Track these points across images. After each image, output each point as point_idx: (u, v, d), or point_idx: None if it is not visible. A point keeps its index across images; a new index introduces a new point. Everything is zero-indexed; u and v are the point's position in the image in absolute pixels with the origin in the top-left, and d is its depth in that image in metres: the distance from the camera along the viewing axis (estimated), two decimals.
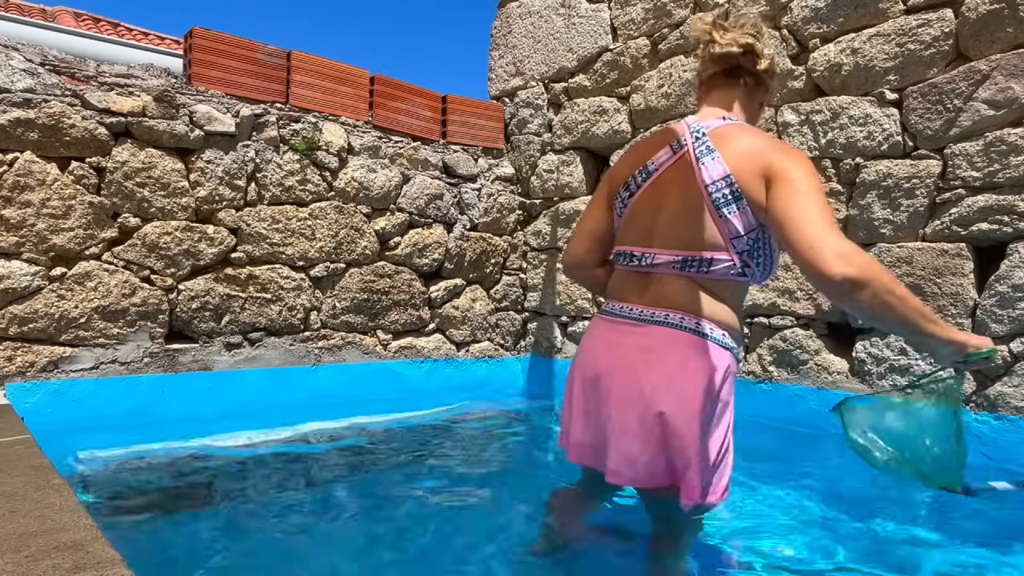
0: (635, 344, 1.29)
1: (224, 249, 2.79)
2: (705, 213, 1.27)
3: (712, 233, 1.26)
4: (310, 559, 1.41)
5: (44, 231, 2.39)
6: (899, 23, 2.43)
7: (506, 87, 4.04)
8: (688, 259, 1.28)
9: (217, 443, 2.26)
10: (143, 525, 1.50)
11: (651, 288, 1.32)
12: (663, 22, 3.21)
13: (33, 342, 2.39)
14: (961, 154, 2.28)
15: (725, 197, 1.24)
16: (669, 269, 1.29)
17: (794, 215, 1.15)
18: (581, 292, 3.57)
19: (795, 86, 2.73)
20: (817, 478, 2.04)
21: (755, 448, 2.44)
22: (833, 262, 1.08)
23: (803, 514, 1.70)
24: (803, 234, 1.13)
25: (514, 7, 3.99)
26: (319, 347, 3.07)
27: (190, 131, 2.67)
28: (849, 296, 1.10)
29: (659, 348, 1.27)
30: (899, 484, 1.99)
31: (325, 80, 3.15)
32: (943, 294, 2.31)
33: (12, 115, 2.31)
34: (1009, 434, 2.16)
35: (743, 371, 2.89)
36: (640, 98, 3.30)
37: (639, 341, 1.29)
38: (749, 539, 1.54)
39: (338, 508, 1.71)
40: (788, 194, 1.18)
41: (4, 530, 0.95)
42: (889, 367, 2.45)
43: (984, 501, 1.85)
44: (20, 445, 1.47)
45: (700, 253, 1.28)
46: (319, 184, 3.07)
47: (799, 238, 1.13)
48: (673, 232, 1.30)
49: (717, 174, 1.25)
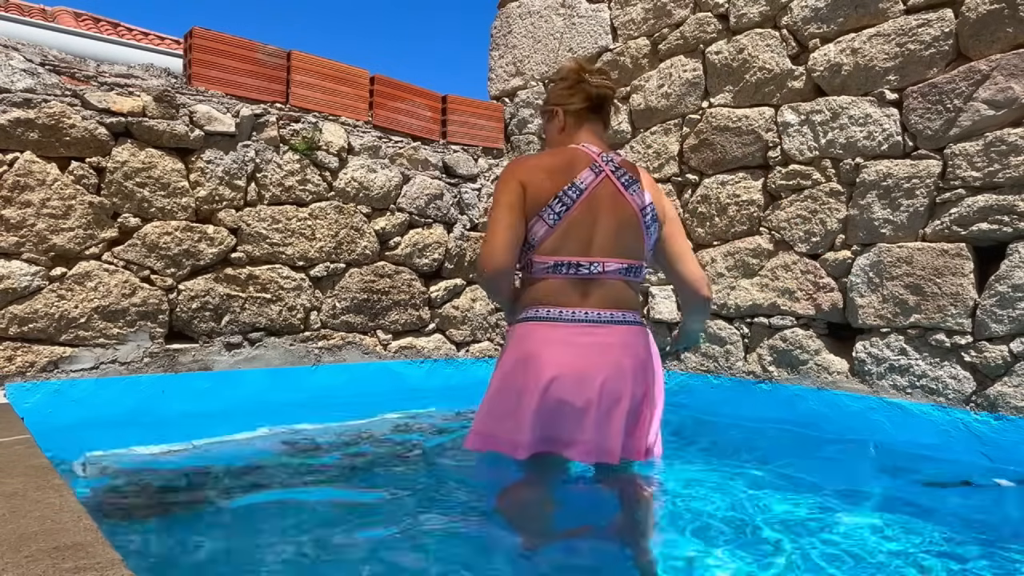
0: (604, 342, 1.56)
1: (224, 249, 2.79)
2: (640, 230, 1.63)
3: (642, 246, 1.64)
4: (311, 559, 1.41)
5: (44, 231, 2.39)
6: (899, 23, 2.43)
7: (506, 87, 4.04)
8: (631, 267, 1.62)
9: (217, 443, 2.26)
10: (143, 525, 1.50)
11: (596, 293, 1.58)
12: (663, 22, 3.21)
13: (33, 342, 2.39)
14: (961, 154, 2.28)
15: (649, 220, 1.64)
16: (617, 275, 1.59)
17: (684, 250, 1.73)
18: None
19: (795, 86, 2.73)
20: (813, 477, 2.04)
21: (755, 448, 2.44)
22: (709, 289, 1.76)
23: (801, 515, 1.70)
24: (693, 267, 1.73)
25: (514, 7, 3.99)
26: (319, 347, 3.07)
27: (190, 131, 2.67)
28: (708, 309, 1.83)
29: (628, 342, 1.59)
30: (911, 485, 1.99)
31: (325, 80, 3.15)
32: (943, 294, 2.31)
33: (12, 115, 2.31)
34: (1009, 434, 2.16)
35: (743, 371, 2.89)
36: (640, 98, 3.30)
37: (607, 339, 1.56)
38: (747, 538, 1.54)
39: (338, 508, 1.71)
40: (678, 231, 1.74)
41: (4, 530, 0.95)
42: (889, 367, 2.45)
43: (985, 500, 1.85)
44: (20, 445, 1.47)
45: (638, 262, 1.64)
46: (319, 184, 3.07)
47: (691, 269, 1.73)
48: (616, 244, 1.59)
49: (645, 201, 1.64)
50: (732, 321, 2.95)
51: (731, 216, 2.94)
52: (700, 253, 3.05)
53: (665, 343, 2.96)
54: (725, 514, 1.67)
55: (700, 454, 2.26)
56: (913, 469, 2.17)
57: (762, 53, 2.82)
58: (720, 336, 2.97)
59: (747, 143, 2.88)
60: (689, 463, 2.14)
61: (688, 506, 1.73)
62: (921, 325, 2.37)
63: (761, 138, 2.83)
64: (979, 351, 2.24)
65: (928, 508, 1.79)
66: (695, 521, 1.62)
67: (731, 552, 1.44)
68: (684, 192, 3.14)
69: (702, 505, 1.74)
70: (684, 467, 2.09)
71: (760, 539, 1.51)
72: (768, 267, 2.81)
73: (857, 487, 1.96)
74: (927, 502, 1.83)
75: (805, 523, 1.62)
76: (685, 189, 3.14)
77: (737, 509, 1.71)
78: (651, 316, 3.20)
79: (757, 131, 2.84)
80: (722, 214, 2.97)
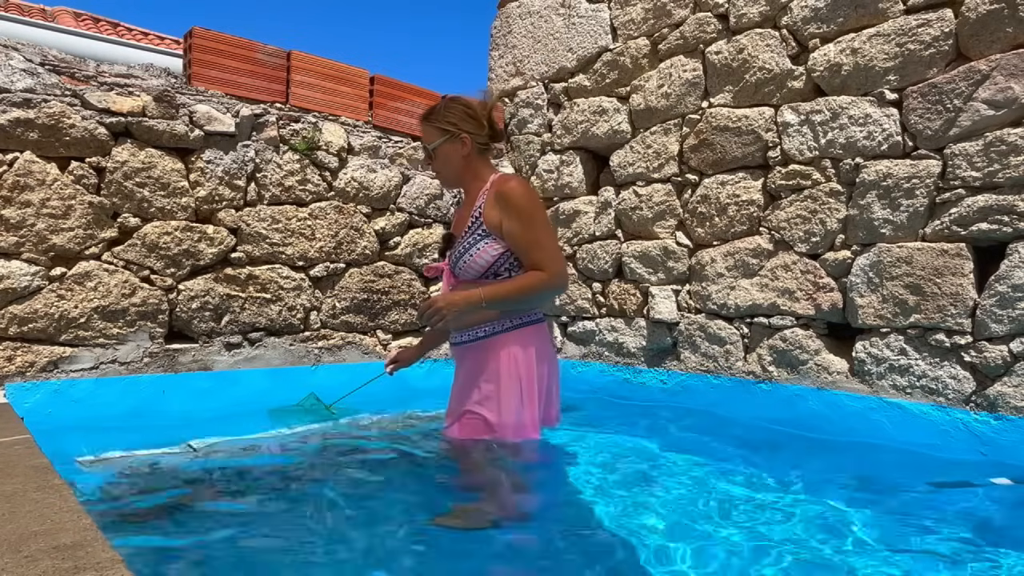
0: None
1: (224, 249, 2.79)
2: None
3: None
4: (311, 559, 1.41)
5: (44, 231, 2.39)
6: (899, 23, 2.43)
7: (506, 87, 4.04)
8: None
9: (217, 443, 2.26)
10: (143, 525, 1.50)
11: None
12: (663, 22, 3.21)
13: (33, 342, 2.39)
14: (961, 154, 2.28)
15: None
16: None
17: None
18: (581, 292, 3.57)
19: (795, 86, 2.73)
20: (813, 478, 2.04)
21: (755, 447, 2.44)
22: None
23: (801, 515, 1.70)
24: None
25: (514, 7, 3.99)
26: (319, 347, 3.07)
27: (190, 131, 2.67)
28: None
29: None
30: (911, 485, 1.99)
31: (325, 80, 3.16)
32: (943, 294, 2.31)
33: (12, 115, 2.31)
34: (1009, 434, 2.16)
35: (743, 371, 2.89)
36: (640, 98, 3.30)
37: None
38: (747, 539, 1.54)
39: (338, 508, 1.71)
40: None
41: (4, 530, 0.95)
42: (889, 367, 2.45)
43: (984, 500, 1.85)
44: (20, 445, 1.47)
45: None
46: (319, 184, 3.07)
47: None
48: None
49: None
50: (732, 321, 2.95)
51: (731, 216, 2.94)
52: (700, 253, 3.06)
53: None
54: (725, 514, 1.67)
55: (700, 454, 2.26)
56: (913, 469, 2.17)
57: (762, 53, 2.83)
58: (720, 336, 2.97)
59: (747, 143, 2.88)
60: (689, 463, 2.14)
61: (689, 505, 1.73)
62: (921, 325, 2.37)
63: (761, 138, 2.83)
64: (979, 351, 2.24)
65: (928, 508, 1.79)
66: (695, 521, 1.62)
67: (731, 552, 1.44)
68: (684, 192, 3.14)
69: (702, 505, 1.74)
70: (684, 467, 2.09)
71: (760, 539, 1.51)
72: (768, 267, 2.81)
73: (857, 487, 1.96)
74: (927, 502, 1.83)
75: (804, 523, 1.62)
76: (685, 189, 3.14)
77: (737, 509, 1.71)
78: (651, 316, 3.21)
79: (757, 131, 2.84)
80: (722, 214, 2.97)
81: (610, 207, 3.44)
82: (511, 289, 1.91)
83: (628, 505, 1.73)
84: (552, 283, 1.92)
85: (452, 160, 2.02)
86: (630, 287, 3.34)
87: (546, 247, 1.91)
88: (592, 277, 3.54)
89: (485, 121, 2.01)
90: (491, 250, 1.93)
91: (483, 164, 2.05)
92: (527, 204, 1.90)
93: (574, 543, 1.52)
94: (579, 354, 3.59)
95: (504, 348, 1.96)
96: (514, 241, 1.91)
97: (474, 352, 2.03)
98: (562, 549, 1.49)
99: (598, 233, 3.50)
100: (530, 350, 1.98)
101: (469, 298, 1.91)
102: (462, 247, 1.99)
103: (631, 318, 3.33)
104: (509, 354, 1.96)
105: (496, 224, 1.92)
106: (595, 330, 3.50)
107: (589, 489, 1.84)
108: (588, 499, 1.79)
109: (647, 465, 2.11)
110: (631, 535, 1.52)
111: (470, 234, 1.98)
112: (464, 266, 1.98)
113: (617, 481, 1.94)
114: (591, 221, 3.54)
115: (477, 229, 1.97)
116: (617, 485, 1.90)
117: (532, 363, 1.97)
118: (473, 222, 1.98)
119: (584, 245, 3.57)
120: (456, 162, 2.02)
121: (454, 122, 1.98)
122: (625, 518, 1.64)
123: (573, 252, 3.64)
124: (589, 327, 3.53)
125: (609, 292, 3.44)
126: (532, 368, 1.97)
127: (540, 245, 1.90)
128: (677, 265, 3.14)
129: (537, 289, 1.91)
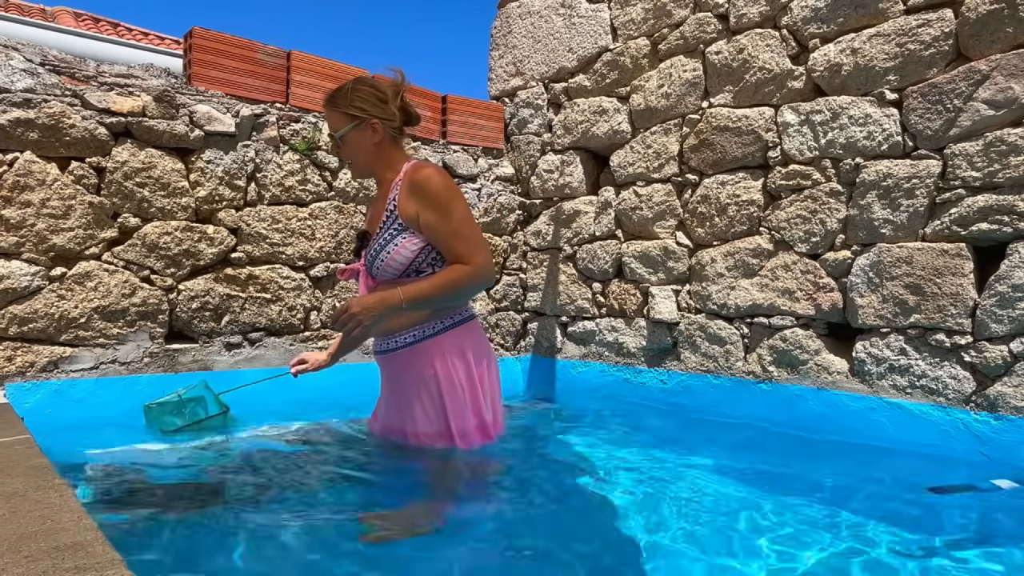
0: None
1: (224, 249, 2.79)
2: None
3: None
4: (312, 559, 1.41)
5: (44, 231, 2.39)
6: (899, 23, 2.43)
7: (506, 87, 4.04)
8: None
9: (218, 443, 2.26)
10: (143, 525, 1.50)
11: None
12: (663, 22, 3.21)
13: (33, 342, 2.39)
14: (961, 154, 2.28)
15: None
16: None
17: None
18: (581, 292, 3.57)
19: (795, 86, 2.73)
20: (813, 477, 2.04)
21: (754, 447, 2.44)
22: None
23: (800, 515, 1.70)
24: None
25: (514, 7, 3.99)
26: (319, 347, 3.07)
27: (190, 131, 2.67)
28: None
29: None
30: (911, 485, 1.99)
31: (325, 80, 3.15)
32: (943, 294, 2.31)
33: (12, 115, 2.31)
34: (1009, 434, 2.16)
35: (743, 371, 2.89)
36: (640, 98, 3.30)
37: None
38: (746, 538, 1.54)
39: (339, 508, 1.71)
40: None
41: (4, 530, 0.95)
42: (889, 367, 2.45)
43: (984, 500, 1.85)
44: (20, 445, 1.47)
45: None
46: (319, 184, 3.07)
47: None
48: None
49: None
50: (732, 321, 2.95)
51: (731, 216, 2.94)
52: (700, 253, 3.06)
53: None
54: (724, 514, 1.67)
55: (699, 454, 2.26)
56: (913, 469, 2.17)
57: (762, 53, 2.83)
58: (720, 336, 2.97)
59: (747, 143, 2.88)
60: (688, 463, 2.14)
61: (688, 505, 1.73)
62: (921, 325, 2.37)
63: (761, 138, 2.83)
64: (979, 351, 2.24)
65: (928, 508, 1.79)
66: (694, 521, 1.62)
67: (730, 552, 1.44)
68: (684, 192, 3.14)
69: (701, 504, 1.74)
70: (683, 466, 2.09)
71: (757, 539, 1.51)
72: (768, 267, 2.81)
73: (857, 487, 1.96)
74: (927, 503, 1.83)
75: (801, 523, 1.62)
76: (685, 189, 3.14)
77: (736, 509, 1.71)
78: (651, 316, 3.21)
79: (757, 131, 2.84)
80: (722, 214, 2.97)
81: (610, 207, 3.44)
82: (433, 286, 1.73)
83: (624, 504, 1.73)
84: (478, 276, 1.75)
85: (362, 148, 1.85)
86: (630, 287, 3.34)
87: (468, 238, 1.75)
88: (592, 277, 3.54)
89: (396, 105, 1.85)
90: (410, 245, 1.76)
91: (396, 152, 1.88)
92: (444, 192, 1.74)
93: (555, 550, 1.52)
94: (579, 354, 3.59)
95: (438, 354, 1.80)
96: (433, 234, 1.75)
97: (403, 360, 1.85)
98: (542, 553, 1.49)
99: (598, 233, 3.50)
100: (467, 352, 1.83)
101: (387, 300, 1.71)
102: (377, 244, 1.81)
103: (631, 318, 3.33)
104: (445, 360, 1.80)
105: (413, 216, 1.76)
106: (595, 330, 3.50)
107: (585, 491, 1.84)
108: (584, 499, 1.79)
109: (647, 465, 2.11)
110: (627, 535, 1.52)
111: (385, 229, 1.81)
112: (381, 265, 1.79)
113: (615, 482, 1.94)
114: (591, 221, 3.54)
115: (393, 224, 1.79)
116: (615, 486, 1.90)
117: (471, 365, 1.83)
118: (388, 216, 1.81)
119: (584, 245, 3.57)
120: (366, 150, 1.85)
121: (362, 107, 1.83)
122: (619, 519, 1.64)
123: (573, 252, 3.64)
124: (589, 327, 3.53)
125: (609, 292, 3.44)
126: (472, 371, 1.83)
127: (461, 236, 1.74)
128: (677, 265, 3.14)
129: (462, 284, 1.74)
